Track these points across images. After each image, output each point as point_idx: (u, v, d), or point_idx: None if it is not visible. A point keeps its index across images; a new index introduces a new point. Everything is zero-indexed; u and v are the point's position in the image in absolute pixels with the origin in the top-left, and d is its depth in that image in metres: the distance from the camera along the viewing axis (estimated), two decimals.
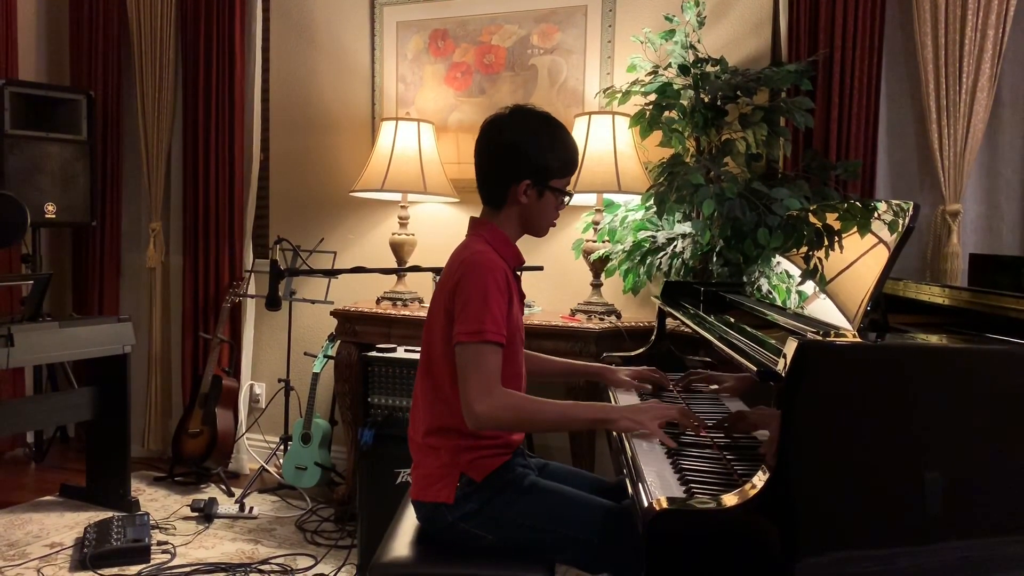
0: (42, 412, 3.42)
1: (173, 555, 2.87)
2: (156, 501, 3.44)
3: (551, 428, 2.60)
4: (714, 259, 2.68)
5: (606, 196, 3.08)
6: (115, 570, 2.73)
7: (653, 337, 2.45)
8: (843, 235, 1.75)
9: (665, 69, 2.88)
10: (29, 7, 4.14)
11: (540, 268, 2.53)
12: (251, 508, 3.31)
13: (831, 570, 1.23)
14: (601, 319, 2.99)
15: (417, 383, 1.78)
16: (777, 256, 2.14)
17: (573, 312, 3.08)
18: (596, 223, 3.09)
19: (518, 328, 1.77)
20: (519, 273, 1.85)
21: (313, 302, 3.58)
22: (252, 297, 3.87)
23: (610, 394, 2.10)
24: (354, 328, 3.20)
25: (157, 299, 4.02)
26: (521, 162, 1.73)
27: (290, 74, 3.90)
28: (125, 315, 3.38)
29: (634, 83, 2.92)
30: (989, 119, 2.75)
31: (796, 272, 1.93)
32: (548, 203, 1.78)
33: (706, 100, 2.77)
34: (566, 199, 1.81)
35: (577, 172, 2.92)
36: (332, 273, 2.52)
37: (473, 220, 1.82)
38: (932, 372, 1.28)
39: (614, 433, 1.75)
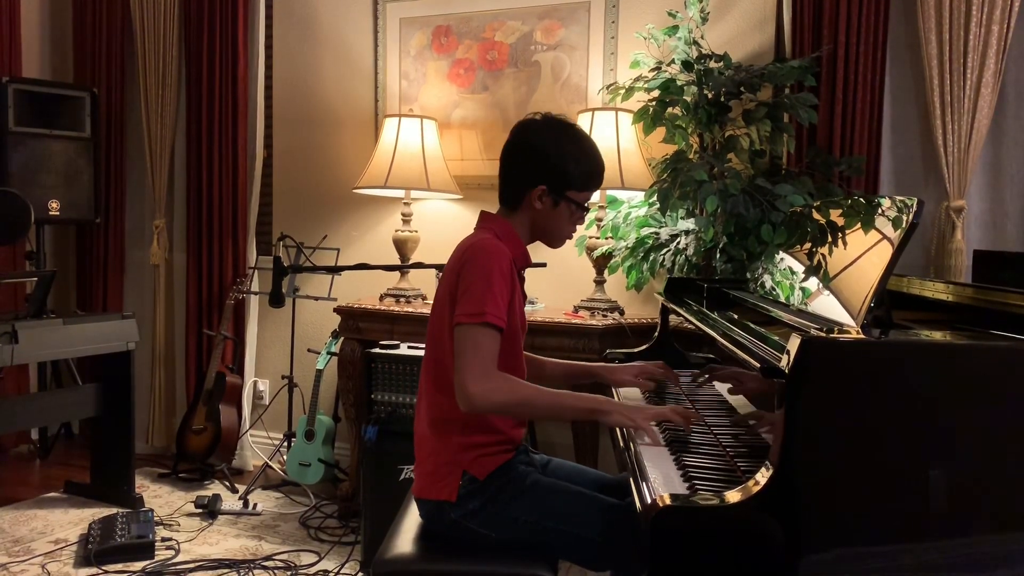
0: (46, 409, 3.43)
1: (177, 551, 2.88)
2: (160, 498, 3.45)
3: (544, 415, 2.58)
4: (717, 256, 2.67)
5: (609, 193, 3.08)
6: (119, 566, 2.74)
7: (656, 334, 2.45)
8: (847, 231, 1.75)
9: (668, 65, 2.87)
10: (33, 4, 4.15)
11: (543, 265, 2.52)
12: (255, 504, 3.31)
13: (835, 567, 1.23)
14: (604, 316, 2.98)
15: (422, 374, 1.77)
16: (781, 252, 2.13)
17: (576, 309, 3.08)
18: (599, 220, 3.09)
19: (521, 322, 1.77)
20: (523, 274, 1.84)
21: (316, 299, 3.59)
22: (256, 294, 3.88)
23: (613, 393, 2.09)
24: (357, 325, 3.20)
25: (161, 296, 4.03)
26: (540, 167, 1.73)
27: (293, 71, 3.90)
28: (129, 312, 3.38)
29: (637, 79, 2.91)
30: (993, 115, 2.74)
31: (800, 268, 1.93)
32: (562, 214, 1.77)
33: (709, 96, 2.76)
34: (583, 213, 1.80)
35: None
36: (335, 270, 2.52)
37: (484, 214, 1.81)
38: (936, 369, 1.27)
39: (617, 430, 1.75)
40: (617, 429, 1.76)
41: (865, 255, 1.57)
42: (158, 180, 4.00)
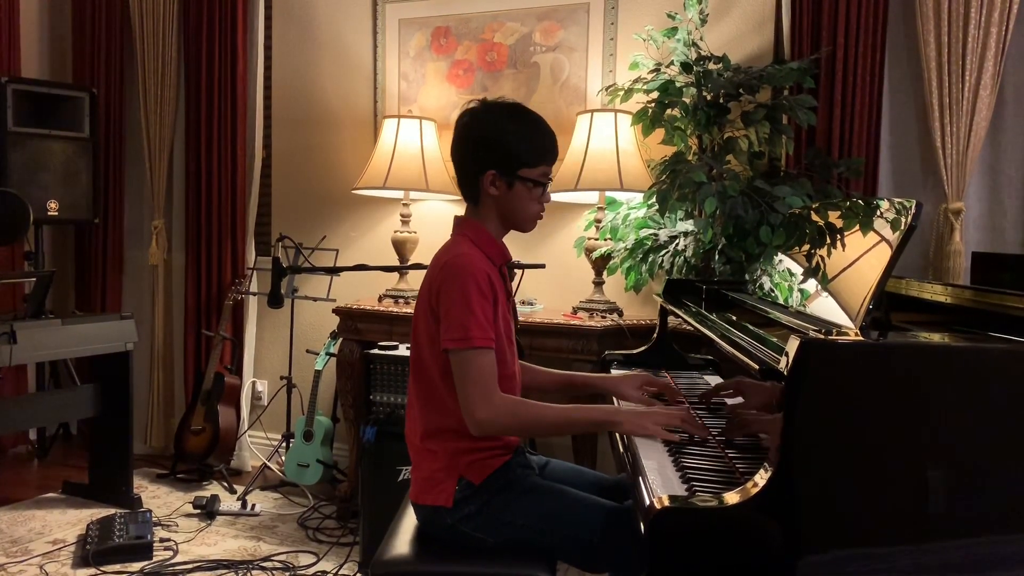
0: (45, 409, 3.43)
1: (175, 552, 2.88)
2: (158, 498, 3.44)
3: (554, 432, 2.54)
4: (716, 257, 2.67)
5: (608, 194, 3.08)
6: (117, 567, 2.74)
7: (655, 335, 2.45)
8: (845, 233, 1.75)
9: (667, 67, 2.87)
10: (32, 4, 4.14)
11: (542, 266, 2.53)
12: (253, 505, 3.31)
13: (833, 568, 1.23)
14: (603, 317, 2.99)
15: (410, 384, 1.76)
16: (779, 254, 2.14)
17: (575, 310, 3.08)
18: (598, 221, 3.09)
19: (506, 328, 1.74)
20: (516, 270, 1.83)
21: (315, 299, 3.59)
22: (254, 294, 3.88)
23: (614, 401, 2.08)
24: (356, 326, 3.20)
25: (159, 296, 4.03)
26: (485, 152, 1.70)
27: (292, 71, 3.90)
28: (128, 312, 3.37)
29: (636, 81, 2.91)
30: (992, 117, 2.75)
31: (798, 270, 1.93)
32: (521, 194, 1.72)
33: (708, 98, 2.76)
34: (542, 190, 1.74)
35: (579, 170, 2.95)
36: (334, 271, 2.52)
37: (457, 219, 1.80)
38: (934, 371, 1.27)
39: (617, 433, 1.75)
40: None
41: (863, 257, 1.57)
42: (157, 180, 4.00)
